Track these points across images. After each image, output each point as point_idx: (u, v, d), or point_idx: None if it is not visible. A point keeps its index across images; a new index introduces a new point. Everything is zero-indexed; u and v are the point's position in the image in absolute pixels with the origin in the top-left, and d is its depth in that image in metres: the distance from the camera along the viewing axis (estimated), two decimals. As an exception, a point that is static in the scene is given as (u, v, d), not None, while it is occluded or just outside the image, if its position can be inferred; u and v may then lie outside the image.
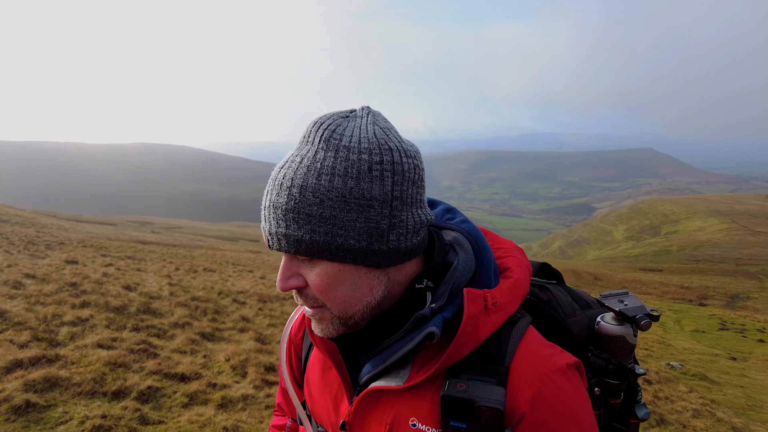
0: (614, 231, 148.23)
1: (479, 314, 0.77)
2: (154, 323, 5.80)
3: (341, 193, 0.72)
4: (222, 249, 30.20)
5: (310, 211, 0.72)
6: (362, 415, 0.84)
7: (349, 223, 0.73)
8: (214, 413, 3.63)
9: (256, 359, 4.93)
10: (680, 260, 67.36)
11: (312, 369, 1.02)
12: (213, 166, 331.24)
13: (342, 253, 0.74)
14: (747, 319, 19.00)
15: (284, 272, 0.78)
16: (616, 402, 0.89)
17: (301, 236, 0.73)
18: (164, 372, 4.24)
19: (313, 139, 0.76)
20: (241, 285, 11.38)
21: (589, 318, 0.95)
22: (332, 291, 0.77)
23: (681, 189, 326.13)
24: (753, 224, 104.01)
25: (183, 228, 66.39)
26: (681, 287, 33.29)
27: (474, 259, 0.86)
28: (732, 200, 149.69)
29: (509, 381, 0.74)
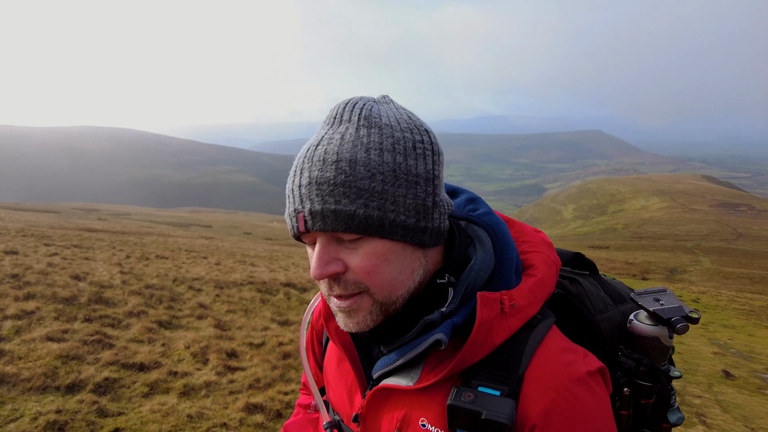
0: (564, 210, 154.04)
1: (493, 319, 0.73)
2: (108, 313, 5.57)
3: (392, 168, 0.72)
4: (174, 235, 29.26)
5: (362, 185, 0.70)
6: (374, 409, 0.84)
7: (400, 198, 0.72)
8: (177, 401, 3.55)
9: (216, 345, 4.84)
10: (625, 237, 70.96)
11: (330, 357, 1.01)
12: (162, 150, 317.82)
13: (394, 229, 0.73)
14: (683, 290, 20.21)
15: (323, 257, 0.73)
16: (648, 402, 0.84)
17: (354, 211, 0.70)
18: (121, 362, 4.10)
19: (350, 118, 0.75)
20: (196, 272, 11.09)
21: (622, 314, 0.89)
22: (379, 272, 0.74)
23: (626, 169, 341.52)
24: (690, 202, 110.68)
25: (132, 214, 63.77)
26: (626, 263, 34.99)
27: (494, 257, 0.82)
28: (672, 180, 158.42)
29: (522, 390, 0.71)
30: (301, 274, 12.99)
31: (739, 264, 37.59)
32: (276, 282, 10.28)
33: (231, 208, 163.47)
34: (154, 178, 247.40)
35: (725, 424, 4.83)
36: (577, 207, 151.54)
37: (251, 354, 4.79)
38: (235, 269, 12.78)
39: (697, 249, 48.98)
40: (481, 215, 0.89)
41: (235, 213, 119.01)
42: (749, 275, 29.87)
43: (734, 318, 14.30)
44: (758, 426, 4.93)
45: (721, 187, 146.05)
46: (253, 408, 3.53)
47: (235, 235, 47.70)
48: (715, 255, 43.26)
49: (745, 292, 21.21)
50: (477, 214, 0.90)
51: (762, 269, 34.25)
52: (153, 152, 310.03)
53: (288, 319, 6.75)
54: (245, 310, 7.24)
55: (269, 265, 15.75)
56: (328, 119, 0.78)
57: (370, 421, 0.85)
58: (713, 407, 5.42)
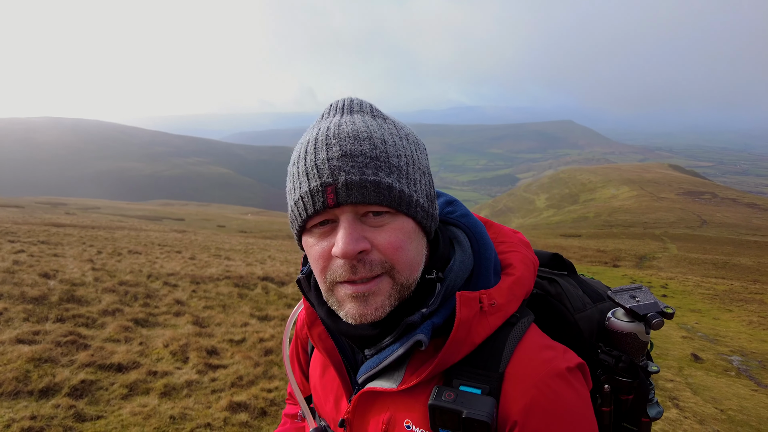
0: (536, 200, 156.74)
1: (473, 318, 0.74)
2: (81, 312, 5.39)
3: (411, 153, 0.77)
4: (146, 229, 28.59)
5: (393, 162, 0.73)
6: (360, 413, 0.84)
7: (419, 183, 0.77)
8: (158, 402, 3.46)
9: (196, 343, 4.74)
10: (596, 226, 72.67)
11: (315, 364, 1.01)
12: (130, 142, 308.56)
13: (418, 209, 0.76)
14: (653, 276, 20.88)
15: (352, 233, 0.71)
16: (628, 398, 0.85)
17: (391, 183, 0.72)
18: (98, 363, 3.97)
19: (361, 109, 0.79)
20: (171, 267, 10.85)
21: (600, 312, 0.91)
22: (405, 250, 0.74)
23: (597, 159, 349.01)
24: (658, 191, 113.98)
25: (101, 208, 61.90)
26: (597, 251, 35.88)
27: (472, 257, 0.84)
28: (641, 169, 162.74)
29: (503, 388, 0.72)
30: (278, 268, 12.87)
31: (703, 250, 38.97)
32: (253, 276, 10.16)
33: (203, 200, 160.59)
34: (122, 170, 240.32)
35: (696, 406, 5.01)
36: (549, 196, 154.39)
37: (232, 351, 4.71)
38: (210, 263, 12.56)
39: (664, 236, 50.52)
40: (459, 217, 0.90)
41: (207, 205, 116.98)
42: (713, 261, 31.03)
43: (700, 302, 14.86)
44: (727, 407, 5.13)
45: (686, 175, 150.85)
46: (236, 407, 3.48)
47: (208, 228, 46.88)
48: (681, 242, 44.73)
49: (709, 278, 22.04)
50: (455, 216, 0.91)
51: (724, 255, 35.61)
52: (120, 144, 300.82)
53: (267, 314, 6.68)
54: (223, 305, 7.13)
55: (245, 258, 15.55)
56: (332, 109, 0.80)
57: (357, 425, 0.85)
58: (684, 390, 5.61)
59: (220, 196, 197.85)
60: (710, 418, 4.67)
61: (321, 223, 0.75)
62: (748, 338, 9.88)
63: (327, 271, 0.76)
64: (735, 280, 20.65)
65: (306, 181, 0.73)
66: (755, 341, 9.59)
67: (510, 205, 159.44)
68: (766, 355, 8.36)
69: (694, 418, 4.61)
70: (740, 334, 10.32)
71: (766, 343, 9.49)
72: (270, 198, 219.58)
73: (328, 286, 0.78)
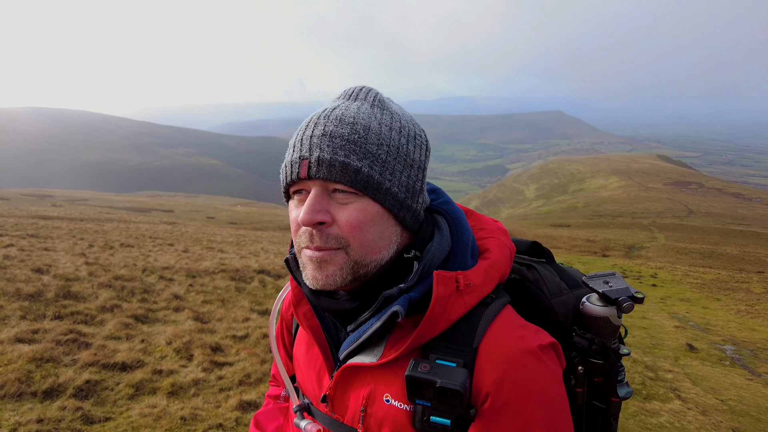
0: (526, 190, 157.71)
1: (449, 295, 0.78)
2: (79, 309, 5.30)
3: (396, 145, 0.81)
4: (135, 221, 28.26)
5: (370, 149, 0.78)
6: (342, 389, 0.88)
7: (397, 173, 0.80)
8: (167, 402, 3.40)
9: (200, 340, 4.69)
10: (586, 216, 73.35)
11: (299, 344, 1.04)
12: (116, 132, 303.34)
13: (387, 196, 0.79)
14: (642, 266, 21.16)
15: (314, 205, 0.78)
16: (600, 380, 0.90)
17: (360, 167, 0.77)
18: (101, 362, 3.90)
19: (365, 97, 0.84)
20: (165, 260, 10.73)
21: (576, 297, 0.96)
22: (363, 230, 0.79)
23: (586, 149, 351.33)
24: (646, 181, 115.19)
25: (88, 200, 61.04)
26: (587, 241, 36.25)
27: (450, 240, 0.88)
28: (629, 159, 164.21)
29: (477, 362, 0.76)
30: (273, 260, 12.80)
31: (690, 240, 39.54)
32: (249, 269, 10.08)
33: (192, 191, 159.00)
34: (109, 161, 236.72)
35: (698, 397, 5.07)
36: (539, 187, 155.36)
37: (237, 347, 4.66)
38: (204, 256, 12.45)
39: (653, 226, 51.12)
40: (441, 204, 0.95)
41: (196, 197, 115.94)
42: (700, 250, 31.50)
43: (689, 291, 15.08)
44: (727, 398, 5.20)
45: (674, 166, 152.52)
46: (246, 406, 3.43)
47: (198, 220, 46.50)
48: (669, 231, 45.31)
49: (697, 267, 22.37)
50: (437, 203, 0.95)
51: (711, 244, 36.16)
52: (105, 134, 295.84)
53: (267, 309, 6.63)
54: (222, 300, 7.06)
55: (238, 251, 15.44)
56: (342, 95, 0.86)
57: (338, 400, 0.88)
58: (684, 381, 5.68)
59: (209, 188, 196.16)
60: (712, 409, 4.73)
61: (298, 191, 0.83)
62: (737, 327, 10.04)
63: (296, 235, 0.83)
64: (722, 269, 20.99)
65: (291, 151, 0.82)
66: (745, 330, 9.75)
67: (500, 196, 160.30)
68: (757, 343, 8.50)
69: (697, 409, 4.66)
70: (730, 323, 10.49)
71: (756, 331, 9.66)
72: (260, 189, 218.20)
73: (297, 250, 0.85)
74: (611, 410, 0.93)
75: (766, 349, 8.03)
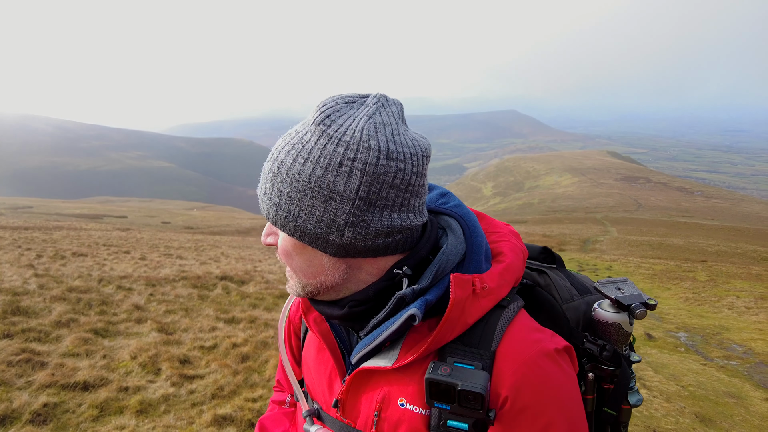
0: (484, 188, 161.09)
1: (466, 299, 0.77)
2: (31, 325, 4.96)
3: (308, 179, 0.74)
4: (86, 228, 26.96)
5: (281, 187, 0.76)
6: (354, 393, 0.87)
7: (310, 208, 0.76)
8: (136, 422, 3.20)
9: (166, 352, 4.47)
10: (541, 212, 75.60)
11: (308, 348, 1.03)
12: (63, 136, 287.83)
13: (299, 233, 0.78)
14: (597, 259, 21.97)
15: (267, 230, 0.86)
16: (610, 387, 0.90)
17: (270, 206, 0.79)
18: (60, 383, 3.64)
19: (312, 119, 0.77)
20: (122, 269, 10.27)
21: (587, 304, 0.96)
22: (289, 258, 0.83)
23: (540, 147, 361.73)
24: (597, 177, 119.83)
25: (33, 207, 57.76)
26: (543, 236, 37.29)
27: (464, 243, 0.86)
28: (582, 156, 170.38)
29: (495, 365, 0.75)
30: (235, 266, 12.49)
31: (641, 232, 41.42)
32: (211, 276, 9.79)
33: (145, 196, 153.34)
34: (54, 166, 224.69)
35: (661, 384, 5.29)
36: (495, 184, 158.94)
37: (206, 359, 4.48)
38: (163, 264, 12.01)
39: (605, 220, 53.21)
40: (452, 207, 0.94)
41: (150, 201, 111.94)
42: (649, 242, 33.03)
43: (641, 282, 15.77)
44: (686, 384, 5.45)
45: (623, 162, 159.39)
46: (222, 420, 3.29)
47: (153, 226, 44.87)
48: (621, 225, 47.30)
49: (647, 258, 23.45)
50: (448, 206, 0.94)
51: (659, 236, 38.01)
52: (50, 138, 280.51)
53: (234, 317, 6.44)
54: (185, 309, 6.80)
55: (198, 257, 14.99)
56: (311, 114, 0.80)
57: (350, 405, 0.87)
58: (647, 369, 5.91)
59: (162, 191, 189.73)
60: (675, 396, 4.94)
61: None
62: (687, 314, 10.57)
63: None
64: (670, 260, 22.08)
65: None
66: (694, 317, 10.28)
67: (458, 194, 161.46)
68: (706, 329, 8.97)
69: (662, 397, 4.86)
70: (680, 310, 11.04)
71: (704, 318, 10.20)
72: (215, 192, 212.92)
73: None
74: (621, 417, 0.92)
75: (715, 335, 8.49)
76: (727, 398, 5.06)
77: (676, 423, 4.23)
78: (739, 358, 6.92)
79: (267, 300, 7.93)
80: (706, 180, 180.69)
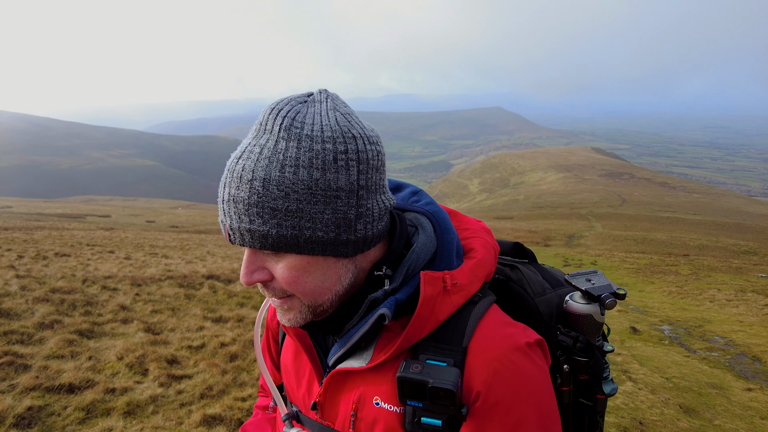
0: (470, 185, 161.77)
1: (437, 296, 0.77)
2: (13, 327, 4.86)
3: (307, 185, 0.71)
4: (69, 228, 26.48)
5: (275, 205, 0.70)
6: (332, 395, 0.87)
7: (317, 215, 0.72)
8: (124, 424, 3.17)
9: (154, 353, 4.43)
10: (527, 208, 76.17)
11: (286, 352, 1.03)
12: (43, 134, 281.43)
13: (310, 245, 0.74)
14: (583, 254, 22.23)
15: (248, 266, 0.76)
16: (586, 378, 0.91)
17: (267, 231, 0.71)
18: (45, 386, 3.58)
19: (272, 128, 0.72)
20: (106, 269, 10.12)
21: (559, 296, 0.97)
22: (301, 283, 0.77)
23: (526, 144, 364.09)
24: (582, 173, 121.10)
25: (12, 207, 56.53)
26: (529, 231, 37.57)
27: (435, 241, 0.86)
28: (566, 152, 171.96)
29: (467, 361, 0.75)
30: (221, 264, 12.39)
31: (625, 227, 41.96)
32: (197, 275, 9.70)
33: (129, 194, 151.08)
34: (35, 165, 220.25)
35: (646, 377, 5.37)
36: (481, 181, 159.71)
37: (194, 359, 4.45)
38: (148, 263, 11.86)
39: (590, 216, 53.80)
40: (424, 205, 0.94)
41: (134, 200, 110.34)
42: (633, 237, 33.51)
43: (626, 276, 16.01)
44: (671, 375, 5.54)
45: (607, 158, 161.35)
46: (211, 420, 3.27)
47: (137, 225, 44.23)
48: (605, 220, 47.85)
49: (632, 252, 23.79)
50: (420, 204, 0.94)
51: (643, 231, 38.55)
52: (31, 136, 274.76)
53: (222, 316, 6.40)
54: (172, 308, 6.74)
55: (183, 256, 14.83)
56: (254, 126, 0.76)
57: (328, 407, 0.88)
58: (632, 362, 6.00)
59: (146, 190, 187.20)
60: (660, 387, 5.03)
61: None
62: (671, 308, 10.75)
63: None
64: (653, 254, 22.44)
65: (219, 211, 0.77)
66: (677, 310, 10.46)
67: (445, 191, 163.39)
68: (689, 322, 9.13)
69: (647, 389, 4.94)
70: (664, 304, 11.24)
71: (686, 311, 10.39)
72: (200, 190, 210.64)
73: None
74: (597, 407, 0.94)
75: (697, 327, 8.65)
76: (710, 389, 5.16)
77: (661, 414, 4.31)
78: (721, 350, 7.06)
79: (254, 299, 7.89)
80: (687, 175, 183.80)
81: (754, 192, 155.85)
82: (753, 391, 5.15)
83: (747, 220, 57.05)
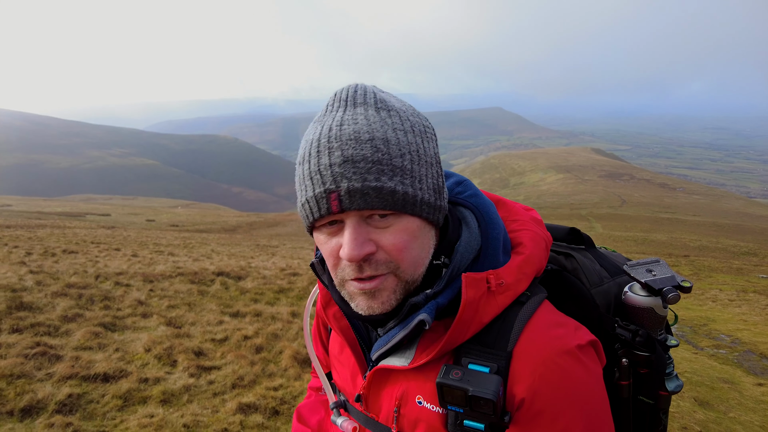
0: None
1: (480, 298, 0.74)
2: (39, 320, 4.95)
3: (416, 148, 0.75)
4: (70, 227, 26.55)
5: (396, 163, 0.72)
6: (375, 389, 0.87)
7: (423, 177, 0.75)
8: (163, 411, 3.27)
9: (180, 345, 4.51)
10: (527, 208, 76.08)
11: (333, 343, 1.04)
12: (43, 133, 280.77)
13: (423, 206, 0.75)
14: (585, 255, 22.29)
15: (357, 237, 0.73)
16: (646, 371, 0.85)
17: (394, 187, 0.71)
18: (80, 375, 3.67)
19: (365, 101, 0.75)
20: (116, 265, 10.20)
21: (618, 286, 0.92)
22: (409, 249, 0.75)
23: (525, 144, 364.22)
24: (582, 173, 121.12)
25: (12, 206, 56.53)
26: (531, 232, 37.60)
27: (479, 237, 0.84)
28: (566, 153, 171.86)
29: (511, 366, 0.73)
30: (228, 262, 12.46)
31: (625, 228, 42.08)
32: (207, 272, 9.78)
33: (128, 194, 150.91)
34: (35, 164, 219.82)
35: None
36: (482, 181, 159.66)
37: (220, 351, 4.54)
38: (156, 260, 11.94)
39: (590, 216, 53.90)
40: (468, 197, 0.90)
41: (133, 199, 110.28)
42: (634, 238, 33.62)
43: (629, 277, 16.10)
44: (683, 370, 5.62)
45: (607, 159, 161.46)
46: (247, 408, 3.36)
47: (137, 224, 44.31)
48: (605, 221, 47.96)
49: (632, 253, 23.88)
50: (464, 196, 0.90)
51: (643, 232, 38.66)
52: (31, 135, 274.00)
53: (239, 311, 6.48)
54: (188, 304, 6.81)
55: (189, 253, 14.92)
56: (336, 101, 0.77)
57: (372, 400, 0.88)
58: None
59: (146, 189, 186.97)
60: (673, 383, 5.12)
61: (330, 222, 0.77)
62: (674, 307, 10.83)
63: (337, 268, 0.79)
64: (654, 255, 22.55)
65: (311, 185, 0.74)
66: (681, 309, 10.53)
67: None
68: (693, 321, 9.22)
69: (661, 384, 5.03)
70: (668, 303, 11.33)
71: (690, 310, 10.47)
72: (200, 189, 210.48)
73: (339, 282, 0.81)
74: (660, 404, 0.89)
75: (702, 326, 8.74)
76: (722, 383, 5.26)
77: (677, 406, 4.40)
78: (728, 347, 7.15)
79: (267, 295, 7.96)
80: (687, 176, 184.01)
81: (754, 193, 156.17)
82: (764, 386, 5.25)
83: (747, 221, 57.23)
